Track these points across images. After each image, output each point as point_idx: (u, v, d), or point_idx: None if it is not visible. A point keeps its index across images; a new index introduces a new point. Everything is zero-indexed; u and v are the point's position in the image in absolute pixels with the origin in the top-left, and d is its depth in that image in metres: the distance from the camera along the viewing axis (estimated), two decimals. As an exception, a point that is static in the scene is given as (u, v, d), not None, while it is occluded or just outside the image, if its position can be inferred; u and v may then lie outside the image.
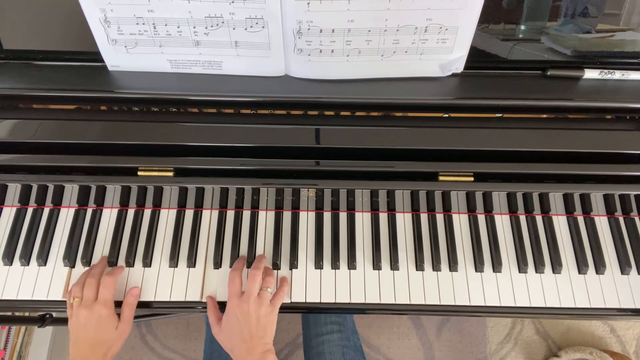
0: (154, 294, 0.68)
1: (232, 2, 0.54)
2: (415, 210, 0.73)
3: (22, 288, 0.69)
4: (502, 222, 0.73)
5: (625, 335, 1.39)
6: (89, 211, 0.73)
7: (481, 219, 0.73)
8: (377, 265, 0.70)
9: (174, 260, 0.70)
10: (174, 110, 0.65)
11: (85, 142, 0.62)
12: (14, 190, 0.72)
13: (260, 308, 0.62)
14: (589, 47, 0.63)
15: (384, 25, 0.56)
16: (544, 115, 0.65)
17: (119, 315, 0.65)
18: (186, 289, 0.69)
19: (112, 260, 0.70)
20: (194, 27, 0.58)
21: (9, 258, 0.70)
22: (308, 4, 0.54)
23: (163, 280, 0.69)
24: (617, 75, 0.63)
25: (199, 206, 0.74)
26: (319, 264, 0.70)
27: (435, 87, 0.63)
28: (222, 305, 0.68)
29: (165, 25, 0.58)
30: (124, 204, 0.74)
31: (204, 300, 0.68)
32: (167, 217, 0.73)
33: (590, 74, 0.64)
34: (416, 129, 0.63)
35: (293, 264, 0.70)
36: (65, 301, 0.68)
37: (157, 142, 0.63)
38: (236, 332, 0.61)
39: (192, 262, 0.70)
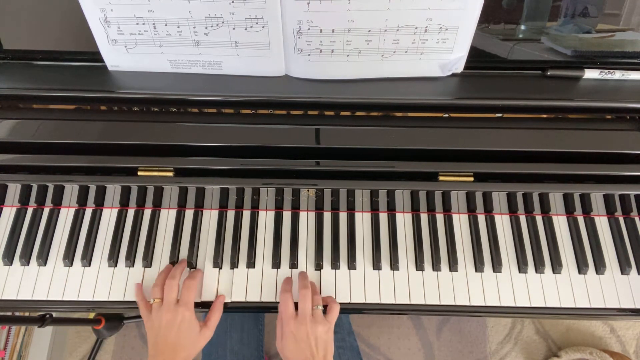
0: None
1: (232, 2, 0.54)
2: (415, 210, 0.73)
3: (22, 288, 0.69)
4: (502, 222, 0.73)
5: (625, 335, 1.39)
6: (89, 211, 0.73)
7: (481, 219, 0.73)
8: (377, 265, 0.70)
9: (174, 261, 0.70)
10: (174, 110, 0.65)
11: (85, 142, 0.62)
12: (14, 190, 0.72)
13: (317, 327, 0.61)
14: (589, 47, 0.63)
15: (384, 25, 0.56)
16: (544, 115, 0.65)
17: None
18: (186, 289, 0.69)
19: (112, 260, 0.70)
20: (194, 27, 0.58)
21: (9, 258, 0.70)
22: (308, 4, 0.54)
23: (163, 280, 0.69)
24: (617, 75, 0.63)
25: (199, 206, 0.74)
26: (319, 264, 0.70)
27: (435, 87, 0.63)
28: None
29: (165, 25, 0.58)
30: (124, 204, 0.74)
31: (203, 300, 0.68)
32: (167, 217, 0.73)
33: (590, 74, 0.64)
34: (416, 129, 0.63)
35: (293, 264, 0.70)
36: (67, 301, 0.68)
37: (157, 142, 0.63)
38: (296, 354, 0.60)
39: (192, 262, 0.70)
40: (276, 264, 0.70)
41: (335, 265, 0.70)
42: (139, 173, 0.64)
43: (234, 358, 0.83)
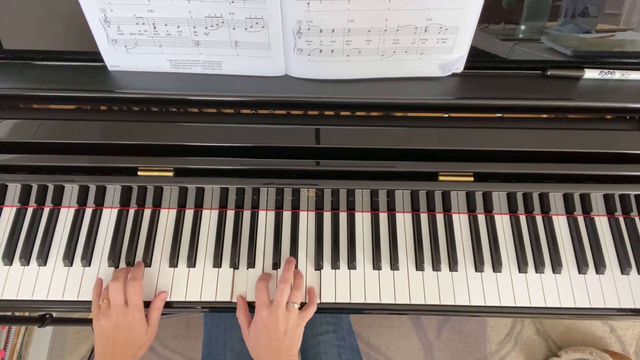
0: (154, 294, 0.68)
1: (232, 2, 0.54)
2: (415, 210, 0.73)
3: (22, 288, 0.68)
4: (502, 222, 0.73)
5: (625, 335, 1.39)
6: (89, 211, 0.73)
7: (481, 219, 0.73)
8: (377, 265, 0.70)
9: (173, 261, 0.70)
10: (174, 110, 0.65)
11: (85, 142, 0.62)
12: (14, 190, 0.72)
13: (289, 321, 0.62)
14: (589, 47, 0.63)
15: (384, 25, 0.56)
16: (544, 115, 0.65)
17: None
18: (186, 289, 0.69)
19: (112, 260, 0.70)
20: (194, 27, 0.58)
21: (9, 258, 0.70)
22: (308, 4, 0.54)
23: (163, 281, 0.69)
24: (617, 75, 0.63)
25: (199, 206, 0.74)
26: (319, 264, 0.70)
27: (435, 87, 0.63)
28: (216, 306, 0.68)
29: (165, 25, 0.58)
30: (124, 204, 0.74)
31: (203, 300, 0.68)
32: (167, 217, 0.73)
33: (590, 74, 0.64)
34: (416, 129, 0.63)
35: (293, 264, 0.70)
36: (67, 301, 0.68)
37: (157, 142, 0.63)
38: (264, 342, 0.62)
39: (192, 262, 0.70)
40: (276, 264, 0.70)
41: (335, 265, 0.70)
42: (139, 173, 0.64)
43: (234, 358, 0.83)
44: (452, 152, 0.63)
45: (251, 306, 0.67)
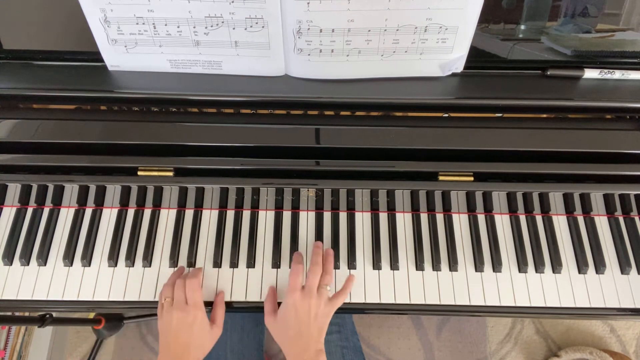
0: (154, 294, 0.68)
1: (232, 2, 0.54)
2: (415, 210, 0.73)
3: (22, 288, 0.69)
4: (502, 222, 0.73)
5: (625, 335, 1.39)
6: (89, 211, 0.73)
7: (481, 218, 0.73)
8: (377, 265, 0.70)
9: (173, 260, 0.70)
10: (174, 110, 0.65)
11: (85, 142, 0.63)
12: (14, 190, 0.72)
13: (320, 306, 0.61)
14: (589, 47, 0.63)
15: (384, 25, 0.56)
16: (544, 115, 0.65)
17: None
18: (186, 289, 0.69)
19: (112, 260, 0.70)
20: (194, 27, 0.58)
21: (9, 258, 0.70)
22: (308, 3, 0.54)
23: (163, 281, 0.69)
24: (617, 75, 0.63)
25: (199, 206, 0.74)
26: (319, 264, 0.70)
27: (435, 86, 0.63)
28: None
29: (165, 25, 0.58)
30: (124, 204, 0.74)
31: (204, 300, 0.68)
32: (167, 217, 0.73)
33: (590, 73, 0.64)
34: (416, 128, 0.63)
35: (293, 264, 0.70)
36: (67, 301, 0.68)
37: (157, 142, 0.63)
38: (293, 326, 0.61)
39: (191, 262, 0.70)
40: (276, 264, 0.70)
41: (335, 265, 0.70)
42: (139, 173, 0.64)
43: (234, 358, 0.83)
44: (452, 152, 0.63)
45: (259, 308, 0.67)
